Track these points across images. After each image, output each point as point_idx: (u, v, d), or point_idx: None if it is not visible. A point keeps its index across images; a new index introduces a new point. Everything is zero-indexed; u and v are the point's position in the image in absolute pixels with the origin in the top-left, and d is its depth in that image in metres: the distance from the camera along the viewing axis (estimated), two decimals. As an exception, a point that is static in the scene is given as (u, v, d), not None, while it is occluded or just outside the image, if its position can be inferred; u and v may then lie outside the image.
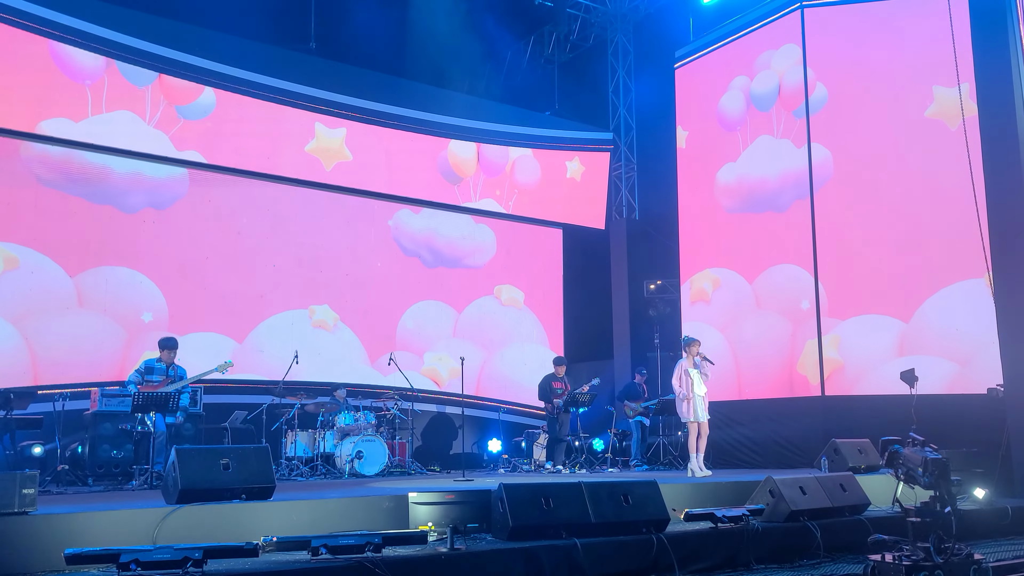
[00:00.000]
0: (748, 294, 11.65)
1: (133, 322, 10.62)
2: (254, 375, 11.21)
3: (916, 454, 4.78)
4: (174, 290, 10.97)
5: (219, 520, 4.98)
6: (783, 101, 11.49)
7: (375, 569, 4.24)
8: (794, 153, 11.21)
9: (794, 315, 10.96)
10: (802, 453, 10.19)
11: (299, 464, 9.62)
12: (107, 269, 10.58)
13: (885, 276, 10.09)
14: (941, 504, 4.61)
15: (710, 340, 11.08)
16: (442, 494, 5.76)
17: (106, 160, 10.70)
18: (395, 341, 12.53)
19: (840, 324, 10.41)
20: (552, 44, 15.06)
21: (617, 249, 14.46)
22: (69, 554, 3.98)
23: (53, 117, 10.16)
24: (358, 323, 12.43)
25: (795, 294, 10.94)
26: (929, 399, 8.93)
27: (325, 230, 12.34)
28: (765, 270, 11.44)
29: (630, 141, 15.02)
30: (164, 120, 10.91)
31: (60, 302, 10.21)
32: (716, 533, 5.67)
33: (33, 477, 4.59)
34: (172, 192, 11.22)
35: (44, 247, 10.17)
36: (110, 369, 10.29)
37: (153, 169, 11.04)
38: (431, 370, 12.95)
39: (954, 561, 4.50)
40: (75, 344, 10.17)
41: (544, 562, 4.88)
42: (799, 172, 11.10)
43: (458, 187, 13.50)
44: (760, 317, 11.46)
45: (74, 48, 10.25)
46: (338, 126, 12.29)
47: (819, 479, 6.54)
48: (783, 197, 11.35)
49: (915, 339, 9.86)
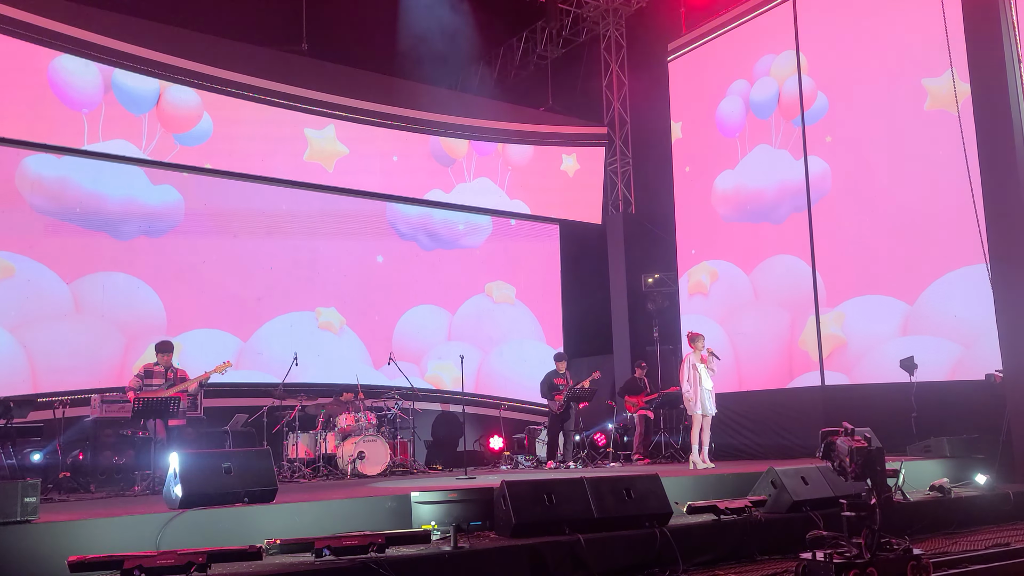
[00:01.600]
0: (746, 285, 11.65)
1: (131, 327, 10.62)
2: (254, 377, 11.23)
3: (843, 445, 4.50)
4: (172, 295, 10.97)
5: (222, 524, 4.97)
6: (783, 109, 11.43)
7: (379, 569, 4.24)
8: (792, 165, 11.14)
9: (793, 302, 10.95)
10: (804, 444, 10.19)
11: (301, 466, 9.62)
12: (103, 275, 10.58)
13: (885, 263, 10.05)
14: (877, 495, 4.31)
15: (710, 332, 11.04)
16: (444, 493, 5.75)
17: (101, 187, 10.66)
18: (393, 343, 12.57)
19: (844, 304, 10.37)
20: (544, 40, 15.05)
21: (614, 243, 14.47)
22: (72, 562, 3.98)
23: (49, 142, 10.15)
24: (359, 325, 12.48)
25: (793, 282, 10.92)
26: (929, 386, 8.94)
27: (321, 230, 12.35)
28: (763, 261, 11.44)
29: (625, 135, 15.01)
30: (160, 148, 10.89)
31: (57, 309, 10.20)
32: (719, 525, 5.67)
33: (35, 485, 4.58)
34: (167, 221, 11.17)
35: (39, 256, 10.17)
36: (109, 375, 10.29)
37: (147, 195, 11.00)
38: (434, 377, 12.98)
39: (888, 558, 4.21)
40: (73, 351, 10.17)
41: (548, 558, 4.88)
42: (797, 184, 11.03)
43: (451, 171, 13.54)
44: (758, 308, 11.46)
45: (71, 73, 10.20)
46: (326, 125, 12.29)
47: (821, 469, 6.53)
48: (780, 209, 11.32)
49: (919, 321, 9.77)
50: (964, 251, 8.94)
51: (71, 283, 10.33)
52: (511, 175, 14.06)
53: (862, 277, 10.23)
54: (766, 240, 11.45)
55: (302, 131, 12.08)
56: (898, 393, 9.06)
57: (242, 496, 5.28)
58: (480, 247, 13.98)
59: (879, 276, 10.06)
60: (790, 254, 11.07)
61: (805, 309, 10.78)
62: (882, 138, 10.17)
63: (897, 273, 9.89)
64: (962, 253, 9.06)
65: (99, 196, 10.68)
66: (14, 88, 9.89)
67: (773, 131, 11.53)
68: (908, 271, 9.77)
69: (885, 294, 10.00)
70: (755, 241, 11.59)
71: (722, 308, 11.99)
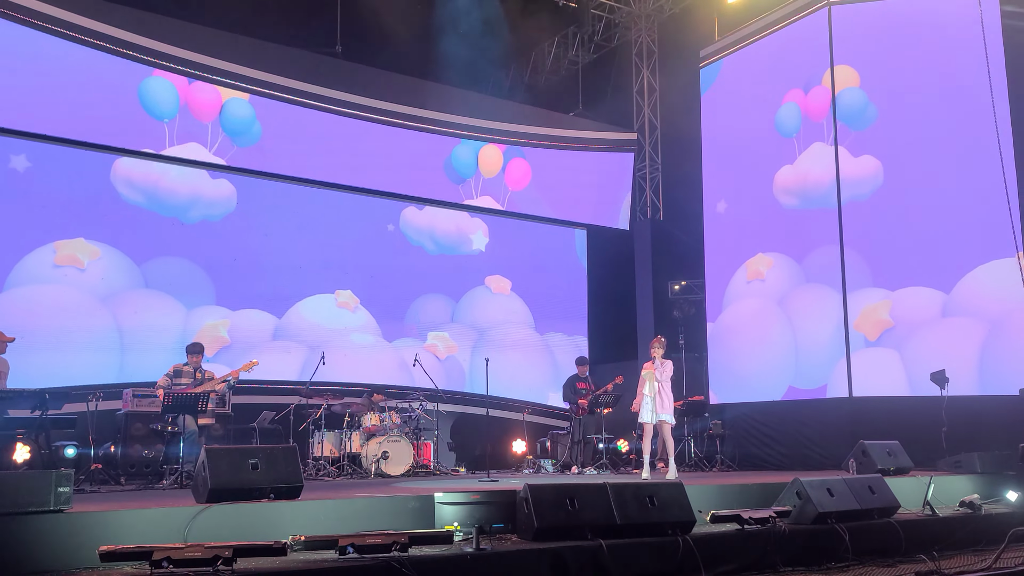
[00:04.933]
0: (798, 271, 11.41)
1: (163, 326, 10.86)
2: (282, 375, 11.38)
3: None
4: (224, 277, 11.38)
5: (248, 519, 5.03)
6: (814, 114, 11.24)
7: (401, 568, 4.27)
8: (849, 162, 10.86)
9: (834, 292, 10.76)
10: (829, 455, 10.08)
11: (325, 464, 9.70)
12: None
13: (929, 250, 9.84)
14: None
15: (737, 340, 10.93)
16: (467, 494, 5.78)
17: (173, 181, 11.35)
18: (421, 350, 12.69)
19: (890, 294, 10.22)
20: (576, 45, 15.05)
21: (641, 250, 14.42)
22: (104, 551, 4.06)
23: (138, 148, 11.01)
24: (378, 312, 12.67)
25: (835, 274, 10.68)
26: (960, 400, 8.81)
27: (349, 230, 12.51)
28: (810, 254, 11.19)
29: (654, 141, 14.96)
30: (222, 148, 11.49)
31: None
32: (742, 535, 5.63)
33: (68, 475, 4.67)
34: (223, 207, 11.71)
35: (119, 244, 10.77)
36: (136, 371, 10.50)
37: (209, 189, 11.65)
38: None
39: None
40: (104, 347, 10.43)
41: (569, 563, 4.88)
42: (852, 178, 10.80)
43: (475, 184, 13.60)
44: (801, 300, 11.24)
45: (155, 91, 11.01)
46: (356, 126, 12.52)
47: (847, 481, 6.47)
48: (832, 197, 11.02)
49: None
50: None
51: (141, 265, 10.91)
52: (535, 179, 14.07)
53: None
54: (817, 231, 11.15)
55: (333, 133, 12.22)
56: (928, 407, 8.93)
57: (268, 492, 5.34)
58: (506, 250, 14.00)
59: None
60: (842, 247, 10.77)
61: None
62: (923, 142, 10.07)
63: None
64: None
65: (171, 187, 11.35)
66: (105, 102, 10.67)
67: (825, 132, 11.38)
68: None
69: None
70: (803, 233, 11.33)
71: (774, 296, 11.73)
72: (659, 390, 8.27)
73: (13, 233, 10.12)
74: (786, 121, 11.67)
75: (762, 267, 11.79)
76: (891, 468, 8.02)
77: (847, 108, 10.84)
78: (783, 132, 11.70)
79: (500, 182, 13.89)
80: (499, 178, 13.88)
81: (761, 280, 11.77)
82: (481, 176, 13.72)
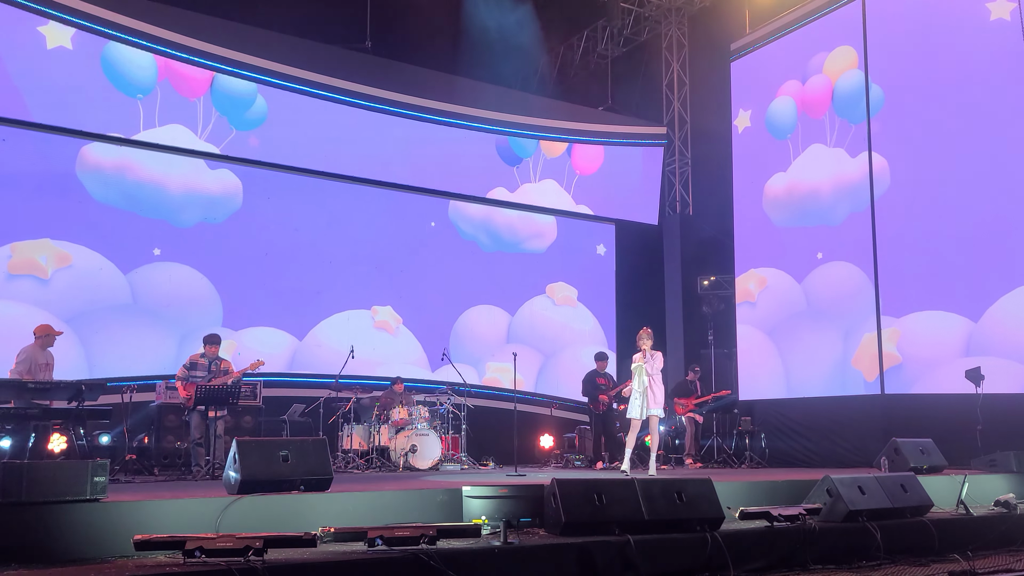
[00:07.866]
0: (798, 292, 11.39)
1: (188, 318, 10.91)
2: (312, 368, 11.46)
3: None
4: (230, 287, 11.23)
5: (278, 510, 5.09)
6: (837, 106, 11.15)
7: (430, 561, 4.29)
8: (849, 163, 10.85)
9: (848, 313, 10.67)
10: (860, 453, 9.95)
11: (355, 457, 9.78)
12: (162, 265, 10.87)
13: (950, 274, 9.71)
14: None
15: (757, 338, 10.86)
16: (495, 488, 5.78)
17: (161, 174, 10.90)
18: (450, 342, 12.69)
19: (898, 320, 10.10)
20: (606, 39, 14.98)
21: (670, 245, 14.33)
22: (138, 540, 4.13)
23: (105, 131, 10.39)
24: (416, 323, 12.62)
25: (850, 291, 10.64)
26: (996, 398, 8.64)
27: (380, 226, 12.53)
28: (818, 267, 11.17)
29: (684, 135, 14.85)
30: (216, 132, 11.13)
31: (115, 299, 10.51)
32: (771, 532, 5.58)
33: (104, 465, 4.75)
34: (226, 207, 11.43)
35: (97, 247, 10.50)
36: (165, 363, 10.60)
37: (208, 182, 11.28)
38: (492, 379, 13.06)
39: None
40: (134, 341, 10.46)
41: (597, 558, 4.87)
42: (855, 183, 10.73)
43: (517, 171, 13.60)
44: (812, 316, 11.21)
45: (126, 59, 10.45)
46: (387, 121, 12.41)
47: (879, 479, 6.39)
48: (837, 209, 11.01)
49: (984, 340, 9.41)
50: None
51: (128, 274, 10.61)
52: (568, 173, 14.05)
53: (924, 284, 9.90)
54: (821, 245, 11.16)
55: (363, 126, 12.26)
56: (963, 404, 8.77)
57: (298, 484, 5.39)
58: (541, 248, 13.97)
59: (942, 288, 9.71)
60: (847, 261, 10.75)
61: (861, 318, 10.47)
62: (950, 133, 9.87)
63: (964, 275, 9.51)
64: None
65: (158, 187, 10.94)
66: (68, 76, 10.03)
67: (827, 130, 11.26)
68: (976, 273, 9.40)
69: (948, 310, 9.64)
70: (810, 246, 11.31)
71: (772, 315, 11.73)
72: (650, 384, 8.00)
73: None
74: (809, 109, 11.56)
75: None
76: (924, 466, 7.89)
77: (876, 100, 10.69)
78: (806, 119, 11.59)
79: (566, 164, 13.90)
80: (563, 159, 13.89)
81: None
82: (543, 156, 13.73)
